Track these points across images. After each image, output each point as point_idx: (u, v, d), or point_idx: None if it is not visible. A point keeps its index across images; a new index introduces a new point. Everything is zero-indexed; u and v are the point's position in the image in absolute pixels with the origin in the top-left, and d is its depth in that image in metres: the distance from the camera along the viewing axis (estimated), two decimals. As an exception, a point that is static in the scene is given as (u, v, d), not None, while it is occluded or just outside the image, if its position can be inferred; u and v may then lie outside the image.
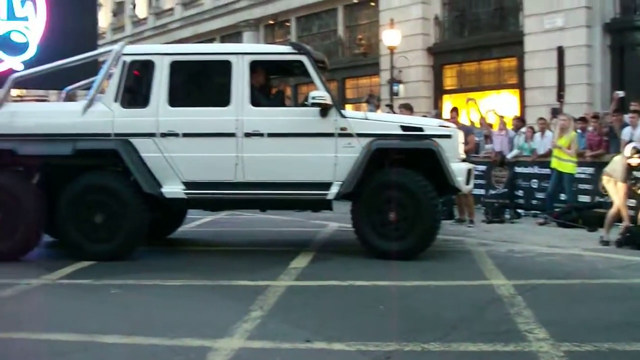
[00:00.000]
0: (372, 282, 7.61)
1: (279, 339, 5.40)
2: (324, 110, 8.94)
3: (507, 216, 13.61)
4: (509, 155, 15.32)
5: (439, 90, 25.20)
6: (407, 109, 13.77)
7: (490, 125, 17.22)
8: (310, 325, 5.82)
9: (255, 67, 9.29)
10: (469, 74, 24.87)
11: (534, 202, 14.49)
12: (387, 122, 9.44)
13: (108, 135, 9.13)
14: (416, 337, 5.38)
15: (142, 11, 44.46)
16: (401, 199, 8.90)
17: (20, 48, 15.51)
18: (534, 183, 14.53)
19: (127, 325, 5.90)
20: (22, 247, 9.17)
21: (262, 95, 9.43)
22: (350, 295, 7.06)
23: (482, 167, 15.26)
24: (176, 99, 9.23)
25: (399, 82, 24.66)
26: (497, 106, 20.23)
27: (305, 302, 6.77)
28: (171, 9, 40.28)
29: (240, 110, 9.04)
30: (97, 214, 9.04)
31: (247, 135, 9.00)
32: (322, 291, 7.27)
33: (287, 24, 31.93)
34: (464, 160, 9.59)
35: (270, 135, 9.03)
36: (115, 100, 9.20)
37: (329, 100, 8.91)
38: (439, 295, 7.01)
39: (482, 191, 15.12)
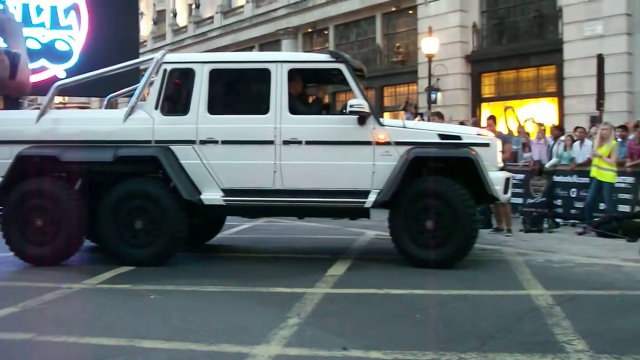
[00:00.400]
0: (409, 290, 7.60)
1: (315, 346, 5.42)
2: (362, 118, 8.96)
3: (546, 225, 13.49)
4: (548, 164, 15.19)
5: (477, 99, 25.12)
6: (439, 116, 13.74)
7: (529, 134, 17.10)
8: (347, 333, 5.84)
9: (294, 75, 9.35)
10: (507, 82, 24.77)
11: (573, 211, 14.35)
12: (425, 130, 9.41)
13: (148, 142, 9.25)
14: (453, 346, 5.36)
15: (182, 20, 44.96)
16: (439, 207, 8.87)
17: (64, 56, 15.79)
18: (573, 192, 14.40)
19: (166, 331, 5.97)
20: (63, 252, 9.31)
21: (300, 103, 9.48)
22: (387, 304, 7.05)
23: (521, 176, 15.15)
24: (215, 106, 9.31)
25: (437, 90, 24.63)
26: (536, 114, 20.11)
27: (342, 309, 6.77)
28: (211, 18, 40.66)
29: (278, 118, 9.09)
30: (137, 220, 9.15)
31: (286, 142, 9.05)
32: (359, 299, 7.27)
33: (326, 32, 32.06)
34: (502, 169, 9.55)
35: (308, 143, 9.06)
36: (156, 108, 9.31)
37: (366, 109, 8.92)
38: (476, 305, 6.96)
39: (520, 200, 15.01)
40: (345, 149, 9.06)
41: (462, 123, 17.94)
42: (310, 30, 32.93)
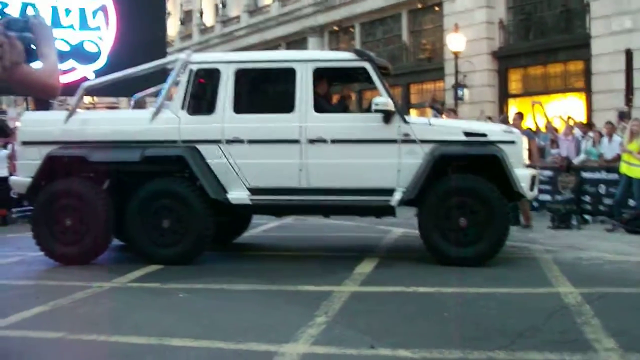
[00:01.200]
0: (436, 288, 7.59)
1: (343, 344, 5.43)
2: (387, 116, 8.96)
3: (574, 222, 13.39)
4: (576, 160, 15.08)
5: (504, 95, 24.96)
6: (454, 113, 13.71)
7: (557, 130, 16.98)
8: (374, 331, 5.84)
9: (319, 73, 9.37)
10: (534, 77, 24.58)
11: (602, 208, 14.22)
12: (450, 127, 9.40)
13: (175, 141, 9.32)
14: (481, 345, 5.35)
15: (209, 19, 45.13)
16: (473, 205, 8.86)
17: (92, 57, 15.95)
18: (602, 188, 14.25)
19: (195, 329, 6.02)
20: (92, 251, 9.41)
21: (325, 102, 9.50)
22: (415, 302, 7.05)
23: (549, 173, 15.05)
24: (241, 106, 9.38)
25: (464, 86, 24.52)
26: (565, 110, 19.95)
27: (370, 308, 6.78)
28: (237, 17, 40.76)
29: (304, 116, 9.13)
30: (165, 219, 9.22)
31: (311, 141, 9.09)
32: (387, 297, 7.29)
33: (352, 30, 32.02)
34: (528, 166, 9.50)
35: (334, 141, 9.09)
36: (182, 108, 9.38)
37: (391, 107, 8.92)
38: (504, 303, 6.94)
39: (548, 197, 14.91)
40: (371, 147, 9.08)
41: (489, 119, 17.91)
42: (336, 28, 32.91)
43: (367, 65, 9.25)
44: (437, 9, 27.36)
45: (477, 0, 24.78)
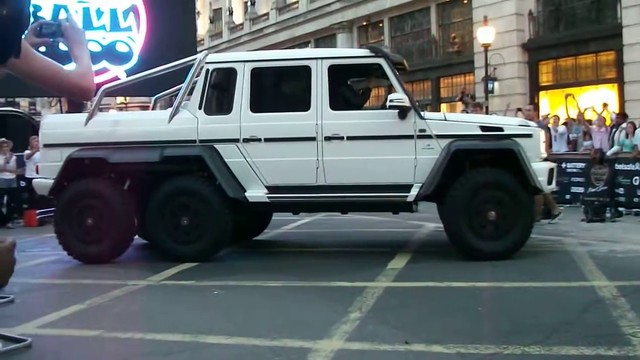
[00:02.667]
0: (470, 283, 7.58)
1: (377, 340, 5.44)
2: (403, 112, 8.96)
3: (608, 215, 13.28)
4: (609, 152, 14.94)
5: (535, 87, 24.80)
6: (479, 107, 13.64)
7: (589, 122, 16.84)
8: (408, 326, 5.85)
9: (334, 71, 9.39)
10: (565, 69, 24.39)
11: (636, 200, 14.07)
12: (466, 122, 9.39)
13: (193, 141, 9.40)
14: (516, 340, 5.33)
15: (238, 17, 45.31)
16: (501, 198, 8.84)
17: (124, 57, 16.10)
18: (636, 180, 14.10)
19: (230, 326, 6.06)
20: (113, 250, 9.54)
21: (341, 99, 9.51)
22: (448, 297, 7.06)
23: (582, 165, 14.94)
24: (257, 104, 9.45)
25: (494, 79, 24.39)
26: (597, 101, 19.76)
27: (404, 303, 6.79)
28: (266, 14, 40.88)
29: (319, 114, 9.17)
30: (184, 217, 9.33)
31: (327, 139, 9.11)
32: (420, 292, 7.28)
33: (380, 24, 31.97)
34: (545, 160, 9.45)
35: (350, 138, 9.12)
36: (200, 108, 9.47)
37: (407, 103, 8.92)
38: (538, 297, 6.92)
39: (581, 189, 14.80)
40: (387, 143, 9.08)
41: (519, 110, 17.77)
42: (365, 23, 32.87)
43: (382, 62, 9.26)
44: (465, 1, 27.24)
45: (507, -8, 24.62)
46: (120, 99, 39.44)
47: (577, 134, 16.32)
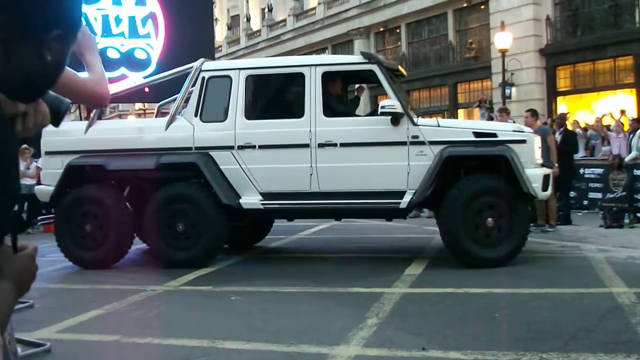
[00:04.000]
0: (487, 289, 7.57)
1: (395, 346, 5.45)
2: (395, 118, 8.95)
3: (627, 221, 13.19)
4: (628, 158, 14.85)
5: (552, 92, 24.71)
6: (506, 113, 13.56)
7: (607, 127, 16.77)
8: (426, 333, 5.85)
9: (328, 78, 9.45)
10: (583, 74, 24.28)
11: (655, 205, 14.00)
12: (459, 128, 9.34)
13: (189, 148, 9.53)
14: (534, 346, 5.32)
15: (256, 24, 45.46)
16: (498, 205, 8.81)
17: (143, 64, 16.19)
18: (655, 186, 14.04)
19: (247, 332, 6.09)
20: (112, 255, 9.67)
21: (335, 106, 9.52)
22: (466, 303, 7.03)
23: (600, 171, 14.87)
24: (252, 112, 9.59)
25: (511, 85, 24.31)
26: (615, 107, 19.66)
27: (421, 309, 6.79)
28: (284, 21, 40.99)
29: (313, 121, 9.22)
30: (179, 223, 9.44)
31: (321, 145, 9.16)
32: (438, 298, 7.27)
33: (398, 30, 31.97)
34: (543, 165, 9.39)
35: (343, 145, 9.15)
36: (196, 115, 9.60)
37: (399, 109, 8.90)
38: (556, 303, 6.88)
39: (599, 195, 14.73)
40: (380, 149, 9.09)
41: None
42: (382, 29, 32.88)
43: (374, 68, 9.26)
44: (482, 7, 27.19)
45: (524, -2, 24.56)
46: (139, 105, 39.57)
47: (596, 140, 16.26)
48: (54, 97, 1.98)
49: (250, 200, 9.37)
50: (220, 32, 46.14)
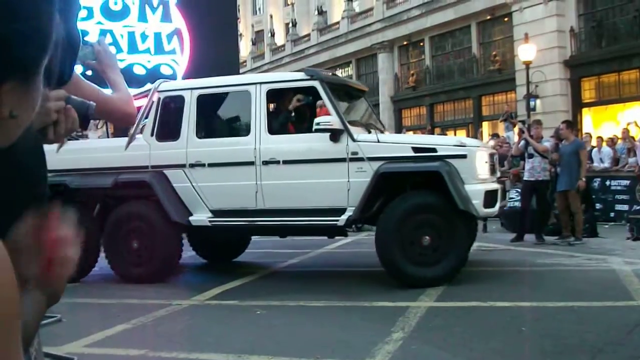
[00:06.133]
0: (513, 302, 7.53)
1: (421, 360, 5.44)
2: (334, 135, 8.91)
3: (654, 233, 13.07)
4: (655, 170, 14.75)
5: (577, 104, 24.57)
6: (539, 124, 13.50)
7: (633, 138, 16.65)
8: (451, 347, 5.84)
9: (273, 95, 9.54)
10: (608, 85, 24.14)
11: (683, 217, 13.86)
12: (398, 144, 9.20)
13: (146, 167, 9.70)
14: None
15: (280, 39, 45.72)
16: (434, 222, 8.64)
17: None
18: (683, 198, 13.92)
19: (272, 345, 6.10)
20: (76, 272, 9.75)
21: (279, 123, 9.55)
22: (491, 317, 7.00)
23: (626, 182, 14.76)
24: (203, 130, 9.74)
25: (536, 97, 24.21)
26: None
27: (447, 323, 6.77)
28: (308, 35, 41.20)
29: (258, 138, 9.29)
30: (134, 240, 9.68)
31: (265, 163, 9.21)
32: (463, 312, 7.25)
33: (421, 44, 32.02)
34: (500, 179, 9.27)
35: (285, 162, 9.18)
36: (152, 135, 9.79)
37: (336, 125, 8.84)
38: (583, 317, 6.83)
39: (626, 207, 14.63)
40: (321, 166, 9.07)
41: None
42: (405, 42, 32.94)
43: (316, 84, 9.24)
44: (506, 19, 27.15)
45: (547, 9, 24.48)
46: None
47: (622, 153, 16.16)
48: (81, 102, 2.03)
49: (199, 217, 9.55)
50: (245, 48, 46.46)
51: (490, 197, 8.76)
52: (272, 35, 46.23)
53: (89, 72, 2.74)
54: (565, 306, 7.29)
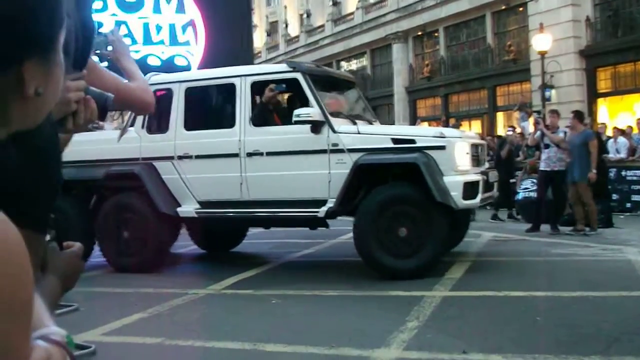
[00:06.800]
0: (528, 292, 7.52)
1: (435, 349, 5.45)
2: (315, 126, 8.93)
3: (671, 223, 13.02)
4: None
5: (593, 94, 24.43)
6: (557, 114, 13.45)
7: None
8: (466, 336, 5.84)
9: (257, 87, 9.57)
10: (624, 75, 23.98)
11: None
12: (378, 135, 9.14)
13: (137, 159, 9.83)
14: (576, 349, 5.28)
15: (294, 30, 45.69)
16: (412, 214, 8.60)
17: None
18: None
19: (288, 334, 6.13)
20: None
21: (263, 115, 9.54)
22: (506, 306, 7.00)
23: (643, 173, 14.70)
24: (190, 122, 9.82)
25: (551, 87, 24.10)
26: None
27: (461, 312, 6.78)
28: (322, 26, 41.13)
29: (242, 130, 9.38)
30: (125, 231, 9.84)
31: (249, 155, 9.28)
32: (478, 302, 7.26)
33: (436, 34, 31.91)
34: (484, 172, 9.25)
35: (269, 154, 9.23)
36: (143, 127, 9.93)
37: (316, 117, 8.85)
38: (598, 307, 6.81)
39: (642, 198, 14.57)
40: (303, 158, 9.10)
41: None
42: (420, 33, 32.83)
43: (298, 76, 9.27)
44: (521, 9, 27.02)
45: (563, -1, 24.35)
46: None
47: (638, 143, 16.08)
48: (99, 93, 2.06)
49: (187, 208, 9.67)
50: (260, 38, 46.49)
51: (470, 189, 8.62)
52: (287, 26, 46.20)
53: (105, 64, 2.76)
54: (580, 296, 7.28)
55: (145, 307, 7.38)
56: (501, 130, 26.64)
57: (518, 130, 19.11)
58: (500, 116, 28.81)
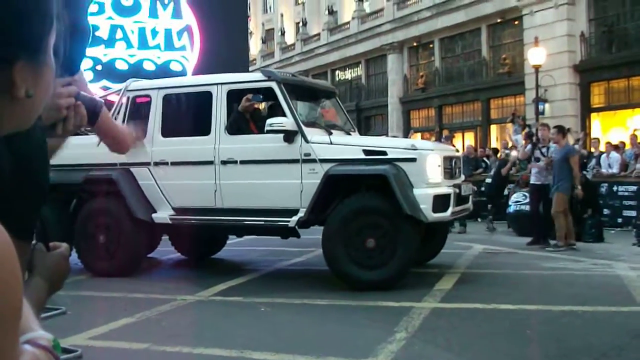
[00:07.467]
0: (518, 305, 7.51)
1: (424, 360, 5.44)
2: (288, 136, 8.92)
3: (661, 239, 13.03)
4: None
5: (586, 109, 24.51)
6: (547, 128, 13.46)
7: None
8: (455, 348, 5.83)
9: (234, 96, 9.56)
10: (617, 91, 24.07)
11: (690, 224, 13.82)
12: (350, 146, 9.14)
13: (115, 164, 9.73)
14: (564, 363, 5.29)
15: (290, 37, 45.78)
16: (380, 225, 8.56)
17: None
18: (690, 205, 13.88)
19: (276, 342, 6.10)
20: None
21: (237, 123, 9.53)
22: (496, 319, 6.99)
23: (634, 188, 14.72)
24: (167, 129, 9.84)
25: (545, 101, 24.15)
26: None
27: (450, 324, 6.76)
28: (318, 35, 41.24)
29: (217, 138, 9.40)
30: (101, 235, 9.85)
31: (223, 162, 9.30)
32: (467, 314, 7.24)
33: (431, 45, 32.00)
34: (457, 185, 9.21)
35: (243, 162, 9.25)
36: None
37: (289, 127, 8.84)
38: (587, 321, 6.82)
39: (633, 213, 14.57)
40: (276, 167, 9.11)
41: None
42: (415, 44, 32.92)
43: (273, 85, 9.27)
44: (516, 22, 27.11)
45: (558, 13, 24.44)
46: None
47: (630, 159, 16.11)
48: (90, 99, 2.05)
49: (162, 215, 9.70)
50: (255, 46, 46.53)
51: (441, 202, 8.59)
52: (282, 33, 46.27)
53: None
54: (570, 310, 7.28)
55: (133, 312, 7.35)
56: (494, 142, 26.70)
57: (510, 144, 19.14)
58: (493, 128, 28.88)
